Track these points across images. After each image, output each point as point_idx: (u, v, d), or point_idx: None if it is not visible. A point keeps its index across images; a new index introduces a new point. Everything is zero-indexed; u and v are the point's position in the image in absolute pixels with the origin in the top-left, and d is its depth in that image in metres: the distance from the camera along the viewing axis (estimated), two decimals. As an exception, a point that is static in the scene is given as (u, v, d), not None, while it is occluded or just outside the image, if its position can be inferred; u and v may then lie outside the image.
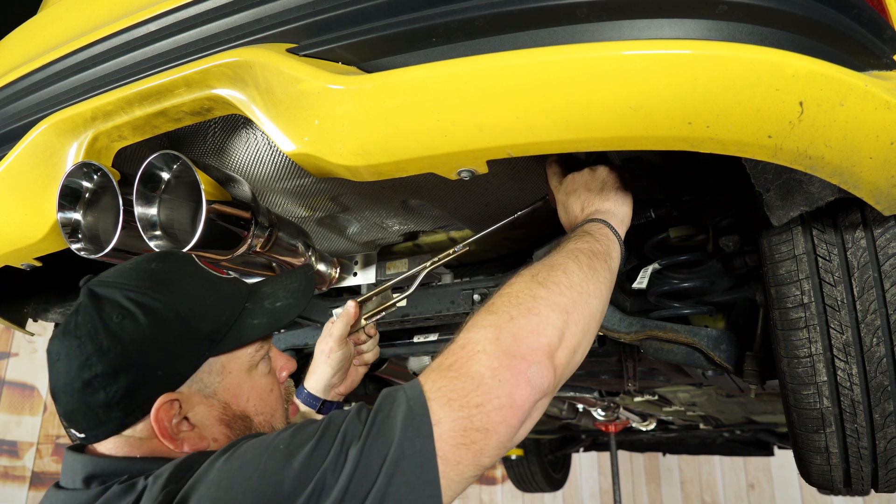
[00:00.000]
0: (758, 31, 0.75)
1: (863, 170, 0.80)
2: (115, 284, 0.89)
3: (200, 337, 0.90)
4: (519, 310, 0.86)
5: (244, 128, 1.18)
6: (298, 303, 1.02)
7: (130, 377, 0.85)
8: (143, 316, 0.86)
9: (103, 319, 0.86)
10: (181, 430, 0.89)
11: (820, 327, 1.07)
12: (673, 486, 6.46)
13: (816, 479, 1.27)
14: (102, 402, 0.85)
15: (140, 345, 0.86)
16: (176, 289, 0.91)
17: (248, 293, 1.00)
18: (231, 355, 0.94)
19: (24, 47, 1.31)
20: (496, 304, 0.88)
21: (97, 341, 0.85)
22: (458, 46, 0.84)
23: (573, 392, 2.62)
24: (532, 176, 1.31)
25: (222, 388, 0.93)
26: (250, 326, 0.95)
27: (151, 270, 0.92)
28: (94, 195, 1.11)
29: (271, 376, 1.01)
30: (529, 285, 0.90)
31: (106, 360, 0.84)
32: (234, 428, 0.93)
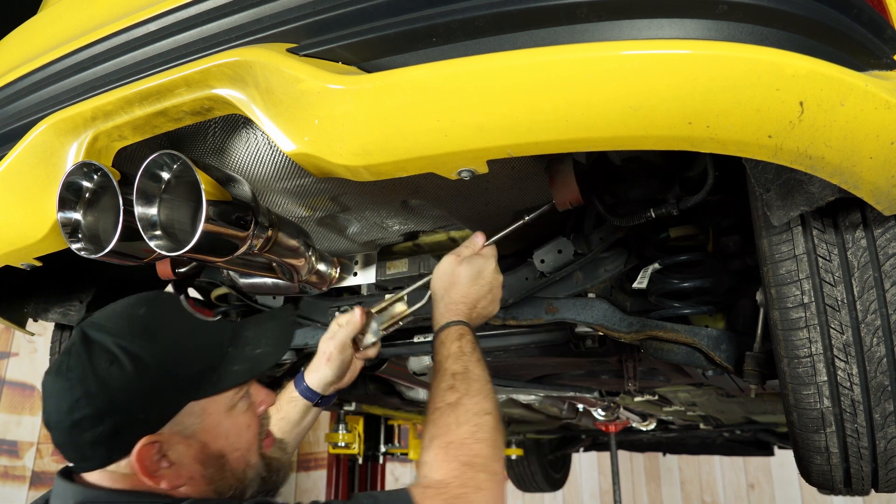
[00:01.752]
0: (758, 30, 0.75)
1: (863, 170, 0.80)
2: (107, 330, 0.95)
3: (182, 383, 0.96)
4: (500, 464, 1.05)
5: (244, 128, 1.18)
6: (277, 350, 1.08)
7: (115, 420, 0.91)
8: (130, 363, 0.92)
9: (93, 364, 0.92)
10: (160, 468, 0.94)
11: (820, 327, 1.07)
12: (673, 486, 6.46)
13: (816, 478, 1.27)
14: (89, 441, 0.92)
15: (125, 391, 0.92)
16: (161, 337, 0.97)
17: (232, 337, 1.06)
18: (211, 399, 0.99)
19: (25, 47, 1.31)
20: (484, 454, 1.04)
21: (86, 385, 0.91)
22: (458, 46, 0.84)
23: (573, 392, 2.61)
24: (532, 176, 1.31)
25: (201, 429, 0.98)
26: (230, 373, 1.01)
27: (140, 317, 0.99)
28: (95, 195, 1.11)
29: (250, 412, 1.06)
30: (500, 435, 1.09)
31: (93, 404, 0.91)
32: (210, 466, 0.99)
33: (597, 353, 1.80)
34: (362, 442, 4.35)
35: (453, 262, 1.28)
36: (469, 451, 1.03)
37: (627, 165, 1.39)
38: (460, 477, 1.00)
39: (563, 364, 2.15)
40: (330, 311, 1.85)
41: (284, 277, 1.49)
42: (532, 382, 2.44)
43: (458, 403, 1.08)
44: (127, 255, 1.11)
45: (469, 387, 1.11)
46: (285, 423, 1.43)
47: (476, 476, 1.00)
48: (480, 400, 1.09)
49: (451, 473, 1.00)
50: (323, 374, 1.43)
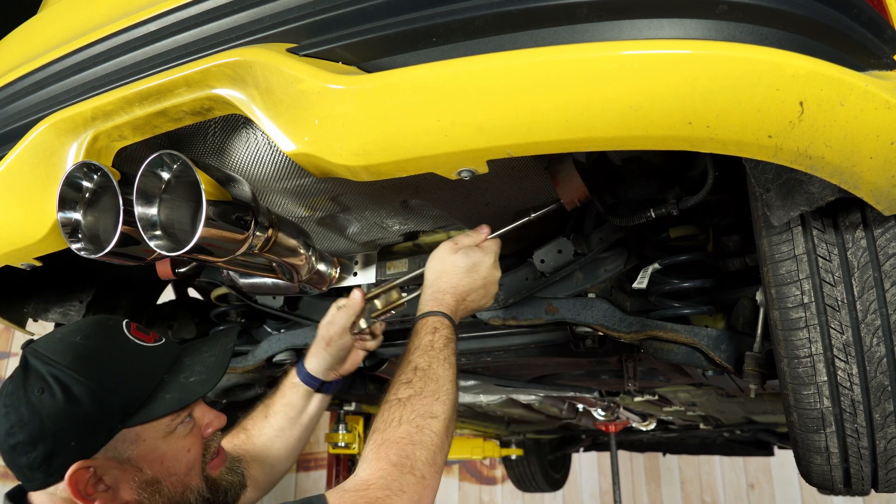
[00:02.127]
0: (758, 30, 0.75)
1: (863, 170, 0.80)
2: (43, 358, 0.99)
3: (112, 412, 0.98)
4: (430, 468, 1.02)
5: (244, 128, 1.18)
6: (211, 378, 1.09)
7: (47, 446, 0.95)
8: (61, 392, 0.95)
9: (26, 391, 0.96)
10: (96, 492, 0.97)
11: (820, 327, 1.07)
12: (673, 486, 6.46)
13: (816, 479, 1.27)
14: (26, 465, 0.96)
15: (55, 419, 0.95)
16: (95, 367, 0.99)
17: (172, 363, 1.08)
18: (145, 426, 1.01)
19: (25, 47, 1.31)
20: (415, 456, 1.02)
21: (19, 412, 0.95)
22: (458, 46, 0.84)
23: (573, 392, 2.61)
24: (532, 176, 1.31)
25: (136, 456, 1.00)
26: (162, 401, 1.02)
27: (77, 345, 1.01)
28: (95, 195, 1.11)
29: (191, 436, 1.07)
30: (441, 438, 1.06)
31: (26, 431, 0.95)
32: (144, 492, 1.01)
33: (597, 353, 1.80)
34: (362, 442, 4.35)
35: (449, 249, 1.26)
36: (401, 452, 1.01)
37: (627, 165, 1.39)
38: (385, 478, 0.99)
39: (562, 364, 2.15)
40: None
41: (284, 277, 1.49)
42: (532, 382, 2.44)
43: (408, 401, 1.07)
44: (127, 256, 1.11)
45: (425, 386, 1.09)
46: (290, 409, 1.45)
47: (402, 478, 0.99)
48: (431, 402, 1.08)
49: (378, 473, 0.99)
50: (322, 358, 1.45)
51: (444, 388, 1.10)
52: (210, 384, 1.08)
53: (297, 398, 1.46)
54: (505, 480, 5.67)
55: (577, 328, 1.63)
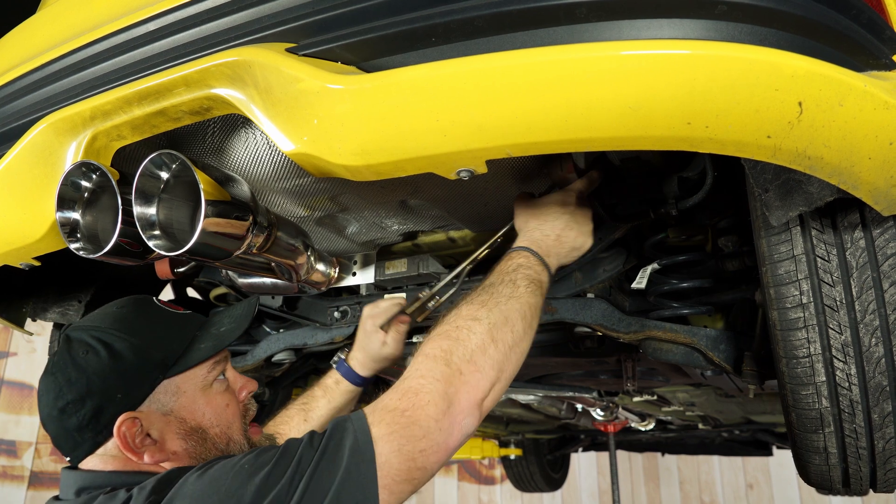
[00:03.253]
0: (757, 31, 0.75)
1: (862, 170, 0.80)
2: (84, 327, 1.07)
3: (153, 364, 1.05)
4: (468, 366, 1.01)
5: (243, 127, 1.18)
6: (239, 325, 1.17)
7: (95, 401, 1.01)
8: (104, 350, 1.03)
9: (72, 356, 1.03)
10: (143, 445, 1.02)
11: (819, 327, 1.07)
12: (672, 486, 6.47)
13: (815, 479, 1.27)
14: (76, 426, 1.01)
15: (101, 374, 1.01)
16: (133, 326, 1.07)
17: (201, 324, 1.16)
18: (184, 376, 1.08)
19: (23, 46, 1.30)
20: (451, 350, 1.02)
21: (66, 374, 1.02)
22: (457, 46, 0.84)
23: (572, 392, 2.62)
24: (531, 176, 1.31)
25: (178, 406, 1.07)
26: (197, 350, 1.10)
27: (114, 313, 1.10)
28: (93, 195, 1.11)
29: (228, 394, 1.14)
30: (484, 339, 1.04)
31: (74, 389, 1.01)
32: (190, 440, 1.07)
33: (595, 353, 1.80)
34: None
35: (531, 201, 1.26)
36: (435, 345, 1.03)
37: (626, 165, 1.39)
38: (420, 368, 1.00)
39: (561, 364, 2.15)
40: (329, 311, 1.85)
41: (283, 277, 1.49)
42: (531, 382, 2.44)
43: (457, 308, 1.09)
44: (125, 255, 1.11)
45: (477, 296, 1.10)
46: (333, 408, 1.51)
47: (435, 366, 0.99)
48: (477, 308, 1.08)
49: (413, 367, 1.01)
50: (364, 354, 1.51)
51: (496, 299, 1.09)
52: (238, 331, 1.16)
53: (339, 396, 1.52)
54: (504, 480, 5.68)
55: (575, 328, 1.63)
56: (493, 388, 1.03)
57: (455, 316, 1.07)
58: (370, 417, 0.95)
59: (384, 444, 0.92)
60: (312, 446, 0.92)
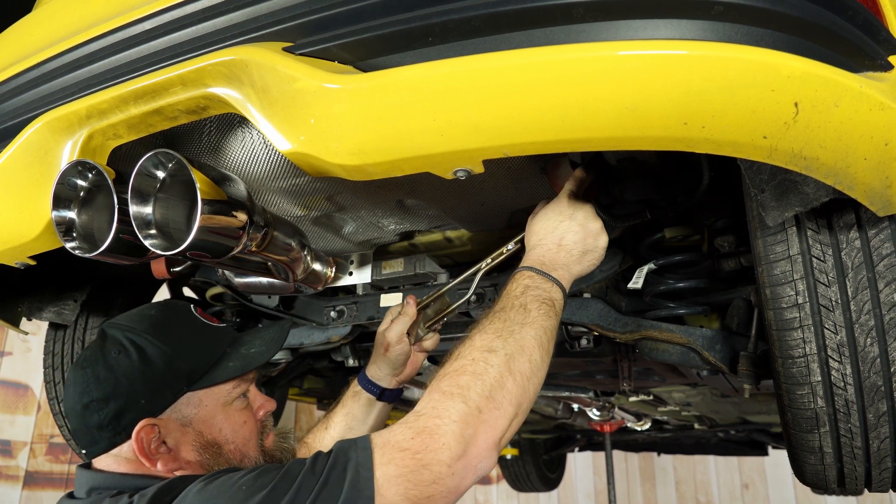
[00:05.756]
0: (753, 32, 0.75)
1: (857, 171, 0.81)
2: (120, 325, 1.09)
3: (180, 375, 1.07)
4: (487, 403, 0.95)
5: (240, 126, 1.17)
6: (270, 350, 1.18)
7: (119, 403, 1.02)
8: (136, 353, 1.04)
9: (104, 354, 1.05)
10: (158, 452, 1.04)
11: (814, 327, 1.07)
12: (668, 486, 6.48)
13: (810, 478, 1.27)
14: (96, 423, 1.03)
15: (129, 377, 1.03)
16: (167, 333, 1.09)
17: (232, 340, 1.17)
18: (208, 391, 1.10)
19: (19, 45, 1.30)
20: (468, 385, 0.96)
21: (96, 371, 1.03)
22: (454, 46, 0.83)
23: (568, 392, 2.62)
24: (528, 176, 1.31)
25: (197, 419, 1.08)
26: (225, 368, 1.11)
27: (151, 317, 1.12)
28: (89, 194, 1.11)
29: (247, 412, 1.15)
30: (502, 373, 0.98)
31: (101, 388, 1.02)
32: (205, 453, 1.08)
33: (592, 353, 1.80)
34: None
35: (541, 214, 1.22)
36: (452, 381, 0.97)
37: (623, 165, 1.39)
38: (436, 406, 0.94)
39: (558, 364, 2.15)
40: (325, 311, 1.84)
41: (280, 277, 1.48)
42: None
43: (470, 339, 1.04)
44: (122, 254, 1.10)
45: (490, 325, 1.04)
46: (351, 419, 1.48)
47: (452, 405, 0.93)
48: (492, 339, 1.01)
49: (429, 403, 0.96)
50: (383, 364, 1.46)
51: (510, 327, 1.03)
52: (268, 355, 1.17)
53: (358, 407, 1.48)
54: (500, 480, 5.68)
55: (572, 328, 1.63)
56: (510, 425, 0.98)
57: (469, 348, 1.01)
58: (378, 454, 0.91)
59: (390, 486, 0.88)
60: (314, 474, 0.89)
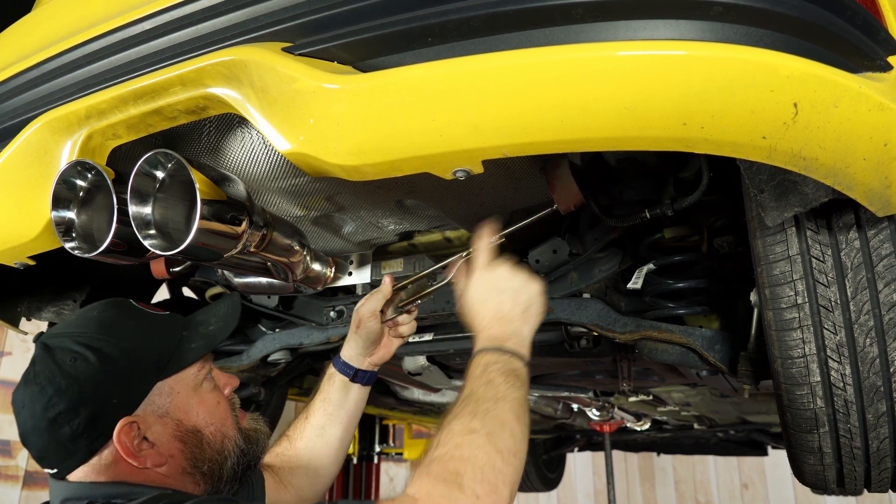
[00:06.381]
0: (753, 32, 0.75)
1: (856, 171, 0.81)
2: (64, 334, 1.03)
3: (146, 366, 1.03)
4: (483, 486, 0.92)
5: (239, 127, 1.17)
6: (228, 324, 1.16)
7: (90, 409, 0.97)
8: (93, 355, 0.99)
9: (58, 364, 0.99)
10: (142, 449, 1.00)
11: (814, 328, 1.08)
12: (667, 486, 6.48)
13: (810, 478, 1.27)
14: (69, 436, 0.97)
15: (93, 380, 0.98)
16: (119, 329, 1.04)
17: (185, 324, 1.13)
18: (176, 378, 1.06)
19: (18, 45, 1.30)
20: (459, 471, 0.92)
21: (56, 383, 0.97)
22: (453, 46, 0.83)
23: (568, 392, 2.62)
24: (528, 176, 1.31)
25: (173, 407, 1.05)
26: (189, 350, 1.09)
27: (94, 317, 1.06)
28: (89, 194, 1.11)
29: (217, 392, 1.13)
30: (489, 452, 0.95)
31: (66, 398, 0.97)
32: (188, 442, 1.05)
33: (591, 353, 1.80)
34: (357, 442, 4.35)
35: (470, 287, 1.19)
36: (442, 468, 0.93)
37: (622, 166, 1.40)
38: (432, 493, 0.90)
39: (557, 364, 2.15)
40: (325, 311, 1.84)
41: (279, 277, 1.48)
42: (527, 382, 2.44)
43: (446, 425, 1.00)
44: (121, 255, 1.10)
45: (464, 408, 1.02)
46: (328, 404, 1.46)
47: (450, 493, 0.90)
48: (469, 419, 0.99)
49: (423, 489, 0.92)
50: (354, 342, 1.45)
51: (484, 406, 1.01)
52: (228, 329, 1.15)
53: (333, 391, 1.46)
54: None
55: (571, 328, 1.63)
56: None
57: (449, 434, 0.98)
58: None
59: None
60: None
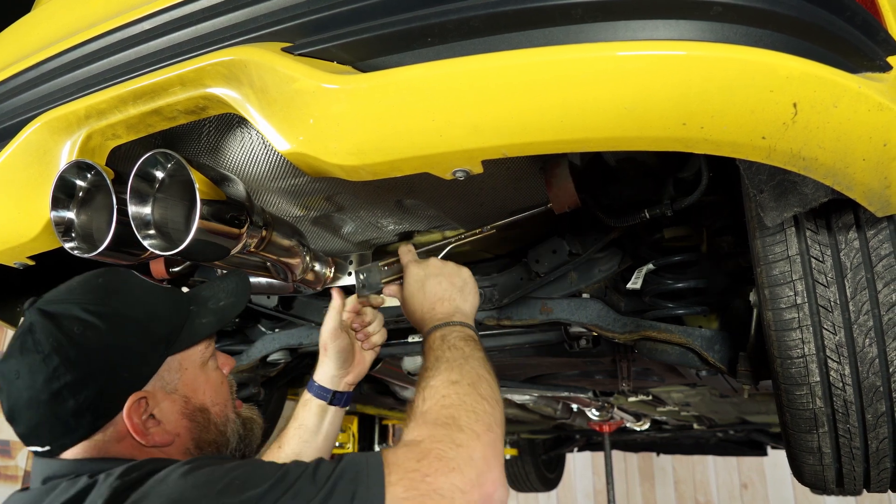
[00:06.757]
0: (752, 32, 0.75)
1: (856, 171, 0.81)
2: (69, 300, 0.95)
3: (158, 338, 0.99)
4: (480, 426, 0.92)
5: (239, 127, 1.17)
6: (239, 301, 1.12)
7: (99, 382, 0.92)
8: (103, 324, 0.93)
9: (65, 333, 0.91)
10: (149, 427, 0.95)
11: (813, 328, 1.08)
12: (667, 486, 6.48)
13: (809, 479, 1.27)
14: (72, 410, 0.91)
15: (105, 351, 0.93)
16: (128, 298, 0.99)
17: (190, 299, 1.09)
18: (186, 353, 1.03)
19: (18, 45, 1.30)
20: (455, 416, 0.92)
21: (63, 353, 0.90)
22: (453, 46, 0.83)
23: (567, 392, 2.62)
24: (527, 176, 1.31)
25: (182, 384, 1.01)
26: (200, 325, 1.05)
27: (100, 284, 1.00)
28: (88, 194, 1.11)
29: (220, 372, 1.10)
30: (475, 398, 0.96)
31: (74, 370, 0.90)
32: (195, 420, 1.01)
33: (591, 353, 1.80)
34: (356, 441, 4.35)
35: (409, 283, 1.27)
36: (438, 414, 0.93)
37: (622, 166, 1.40)
38: (434, 434, 0.89)
39: (557, 364, 2.15)
40: (324, 311, 1.84)
41: (279, 277, 1.48)
42: (526, 382, 2.44)
43: (426, 388, 1.00)
44: (121, 254, 1.10)
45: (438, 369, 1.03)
46: (303, 430, 1.39)
47: (450, 433, 0.89)
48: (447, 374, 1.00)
49: (424, 433, 0.91)
50: (326, 365, 1.41)
51: (457, 363, 1.03)
52: (239, 306, 1.11)
53: (309, 416, 1.40)
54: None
55: (571, 328, 1.63)
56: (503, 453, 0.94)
57: (432, 390, 0.98)
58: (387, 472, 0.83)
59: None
60: (315, 483, 0.82)
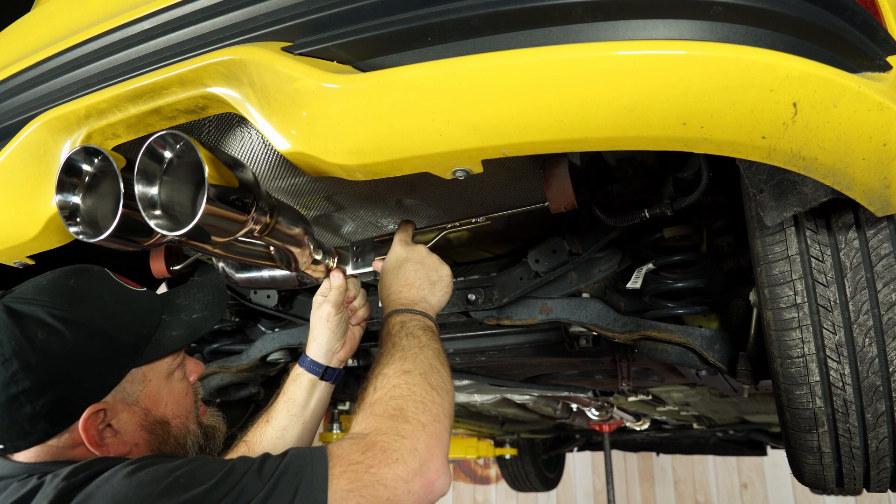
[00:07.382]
0: (752, 32, 0.75)
1: (856, 171, 0.81)
2: (36, 301, 0.93)
3: (124, 351, 0.96)
4: (427, 416, 0.94)
5: (238, 126, 1.17)
6: (214, 314, 1.10)
7: (58, 391, 0.90)
8: (69, 332, 0.91)
9: (28, 337, 0.90)
10: (105, 437, 0.94)
11: (813, 328, 1.08)
12: (666, 486, 6.48)
13: (809, 478, 1.27)
14: (28, 416, 0.89)
15: (67, 360, 0.90)
16: (97, 305, 0.97)
17: (164, 306, 1.06)
18: (151, 365, 1.00)
19: (18, 44, 1.30)
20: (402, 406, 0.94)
21: (23, 358, 0.89)
22: (453, 46, 0.84)
23: (567, 392, 2.62)
24: (527, 175, 1.31)
25: (143, 396, 0.99)
26: (169, 338, 1.02)
27: (71, 287, 0.97)
28: (95, 179, 1.09)
29: (185, 382, 1.08)
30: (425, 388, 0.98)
31: (34, 376, 0.89)
32: (154, 433, 1.00)
33: (591, 352, 1.80)
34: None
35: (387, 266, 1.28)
36: (385, 406, 0.95)
37: (622, 165, 1.40)
38: (379, 426, 0.91)
39: (557, 364, 2.15)
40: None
41: (282, 265, 1.47)
42: (526, 382, 2.44)
43: (379, 375, 1.02)
44: (126, 240, 1.09)
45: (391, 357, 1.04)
46: (292, 404, 1.39)
47: (396, 425, 0.91)
48: (400, 364, 1.01)
49: (370, 425, 0.92)
50: (323, 337, 1.38)
51: (411, 352, 1.04)
52: (214, 320, 1.09)
53: (299, 391, 1.39)
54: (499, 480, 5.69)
55: (571, 328, 1.63)
56: (449, 439, 0.96)
57: (383, 379, 1.00)
58: (331, 465, 0.85)
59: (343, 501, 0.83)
60: (261, 478, 0.82)
